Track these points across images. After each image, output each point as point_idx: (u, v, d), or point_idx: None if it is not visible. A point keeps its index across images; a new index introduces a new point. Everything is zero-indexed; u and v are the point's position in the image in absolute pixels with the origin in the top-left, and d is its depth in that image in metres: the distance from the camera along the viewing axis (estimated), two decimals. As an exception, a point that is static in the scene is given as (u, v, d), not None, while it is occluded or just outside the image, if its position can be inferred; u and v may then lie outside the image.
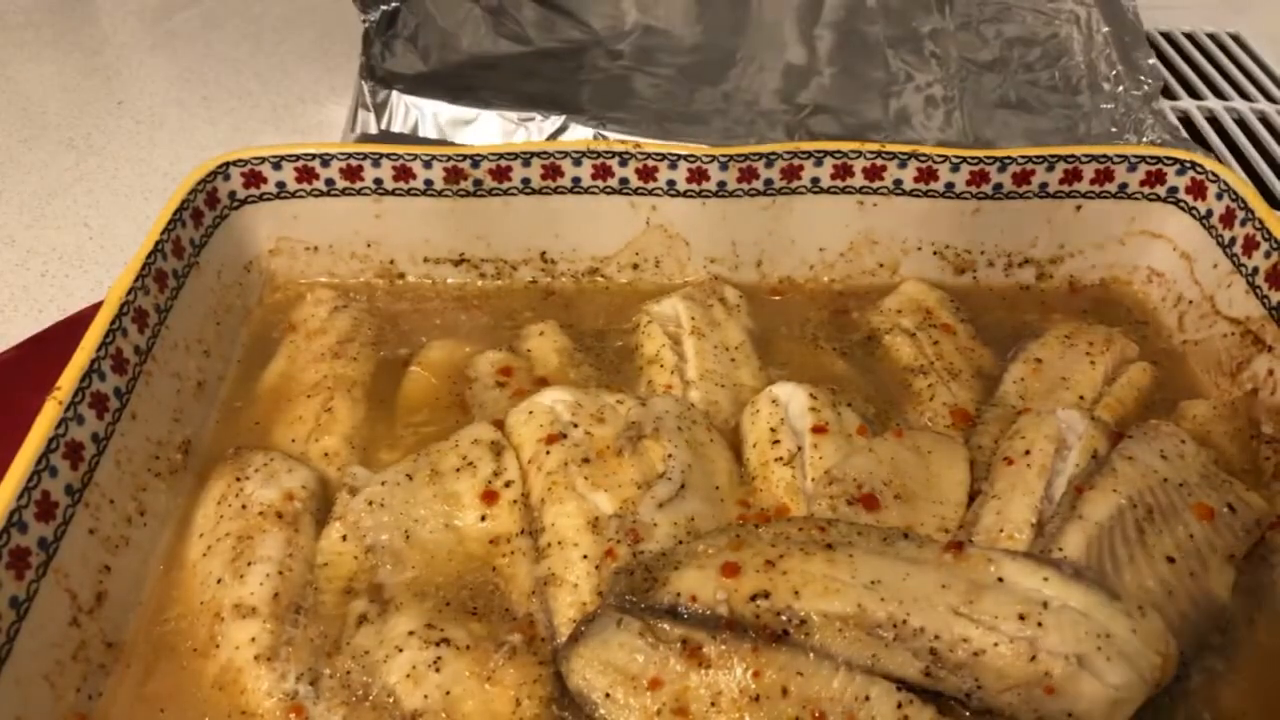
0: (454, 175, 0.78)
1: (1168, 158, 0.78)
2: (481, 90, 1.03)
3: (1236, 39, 1.32)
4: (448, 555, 0.61)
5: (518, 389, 0.71)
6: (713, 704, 0.52)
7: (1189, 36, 1.32)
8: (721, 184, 0.78)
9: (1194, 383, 0.76)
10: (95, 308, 0.64)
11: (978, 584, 0.54)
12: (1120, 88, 1.05)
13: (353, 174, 0.78)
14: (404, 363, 0.76)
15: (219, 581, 0.59)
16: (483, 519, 0.62)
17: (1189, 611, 0.56)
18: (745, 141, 0.99)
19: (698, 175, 0.78)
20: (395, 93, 1.01)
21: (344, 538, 0.61)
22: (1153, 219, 0.80)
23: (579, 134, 0.98)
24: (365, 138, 1.01)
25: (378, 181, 0.79)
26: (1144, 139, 0.99)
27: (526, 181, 0.79)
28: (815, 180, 0.79)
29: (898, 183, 0.79)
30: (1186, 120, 1.15)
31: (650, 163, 0.78)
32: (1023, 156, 0.78)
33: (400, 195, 0.79)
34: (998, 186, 0.79)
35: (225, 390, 0.74)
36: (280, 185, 0.78)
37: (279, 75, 1.30)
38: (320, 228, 0.81)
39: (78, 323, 0.79)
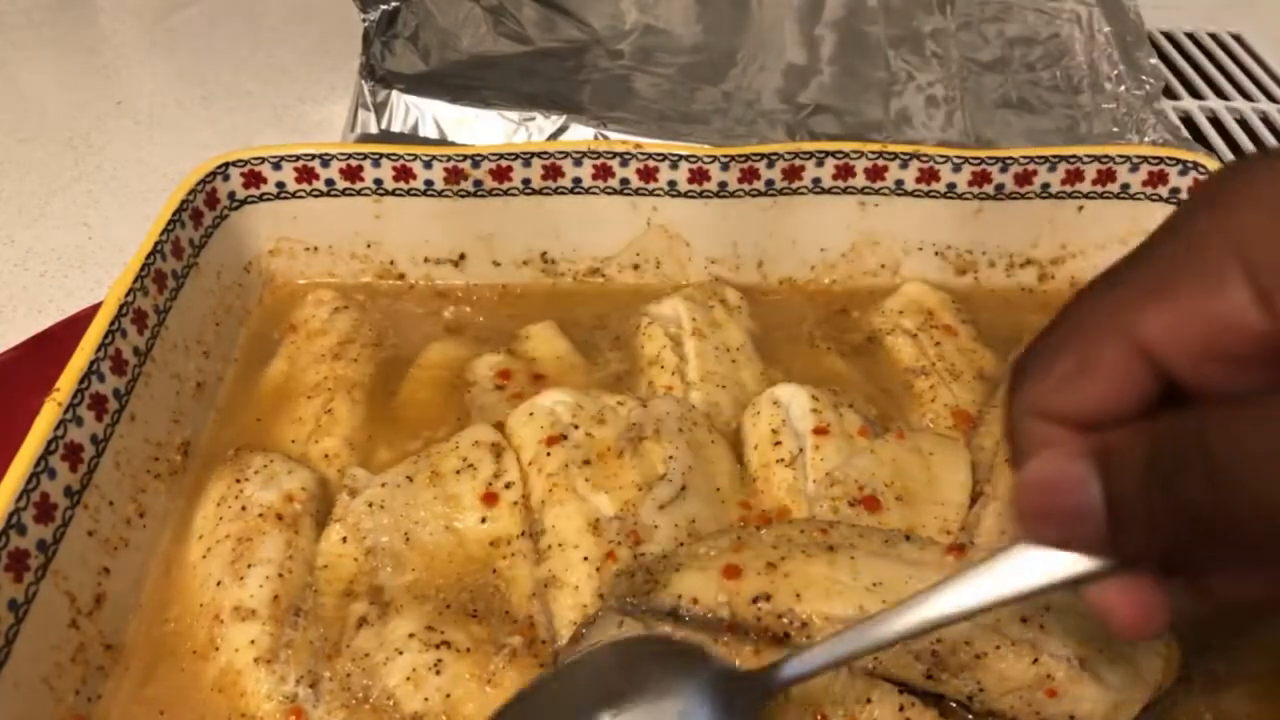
0: (454, 175, 0.78)
1: (1170, 158, 0.77)
2: (482, 90, 1.03)
3: (1238, 39, 1.32)
4: (448, 557, 0.61)
5: (517, 391, 0.71)
6: (714, 707, 0.52)
7: (1190, 36, 1.32)
8: (723, 184, 0.78)
9: (1196, 384, 0.75)
10: (94, 308, 0.63)
11: (980, 586, 0.53)
12: (1122, 87, 1.05)
13: (353, 174, 0.78)
14: (404, 364, 0.76)
15: (218, 584, 0.59)
16: (483, 521, 0.62)
17: (1191, 612, 0.56)
18: (746, 141, 0.98)
19: (699, 175, 0.78)
20: (395, 93, 1.01)
21: (344, 540, 0.61)
22: (1155, 219, 0.78)
23: (579, 134, 0.98)
24: (365, 138, 1.01)
25: (378, 182, 0.78)
26: (1146, 139, 0.99)
27: (527, 182, 0.78)
28: (817, 180, 0.78)
29: (899, 183, 0.79)
30: (1188, 120, 1.15)
31: (651, 163, 0.78)
32: (1024, 157, 0.78)
33: (400, 195, 0.79)
34: (999, 187, 0.79)
35: (225, 391, 0.74)
36: (280, 185, 0.78)
37: (279, 75, 1.30)
38: (320, 228, 0.81)
39: (77, 323, 0.78)
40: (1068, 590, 0.37)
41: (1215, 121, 1.15)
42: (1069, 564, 0.36)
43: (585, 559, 0.58)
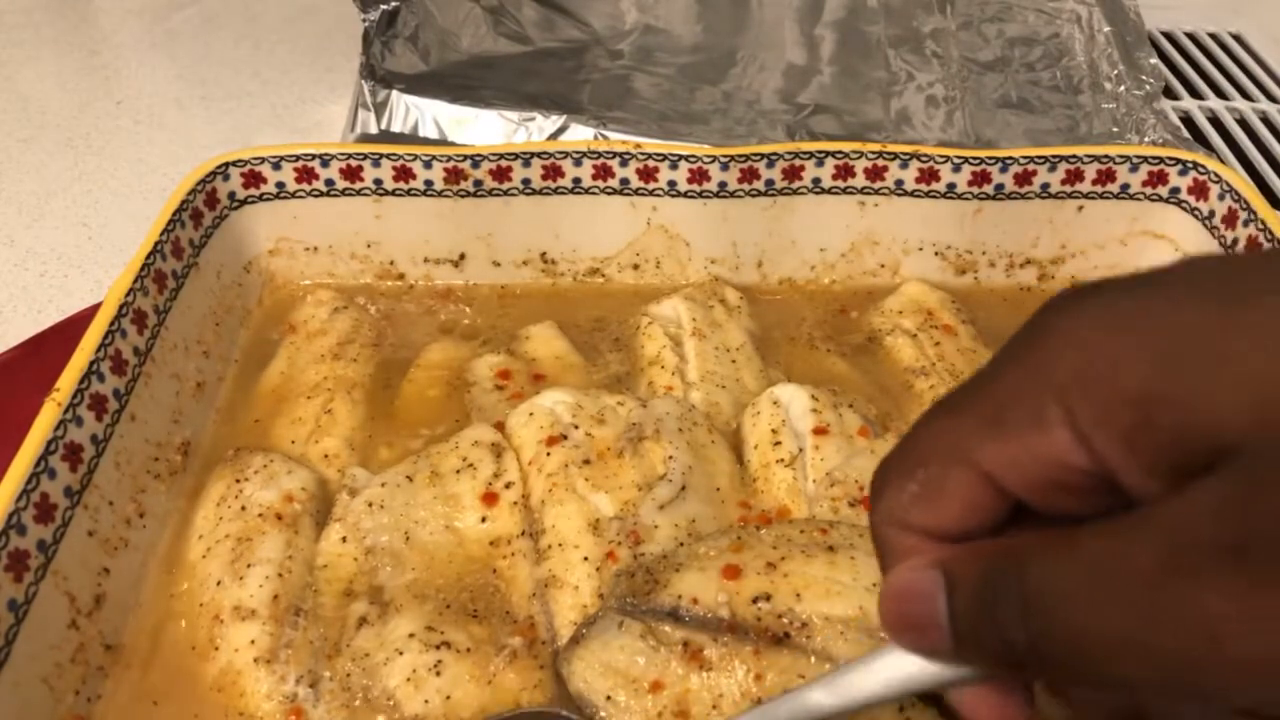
0: (454, 175, 0.78)
1: (1170, 158, 0.77)
2: (481, 90, 1.02)
3: (1238, 39, 1.32)
4: (448, 557, 0.61)
5: (517, 391, 0.71)
6: (714, 706, 0.52)
7: (1190, 36, 1.32)
8: (722, 184, 0.78)
9: (1196, 384, 0.75)
10: (94, 308, 0.63)
11: (980, 586, 0.53)
12: (1122, 87, 1.05)
13: (353, 174, 0.78)
14: (404, 364, 0.76)
15: (218, 583, 0.59)
16: (483, 521, 0.62)
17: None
18: (746, 141, 0.98)
19: (698, 175, 0.78)
20: (395, 93, 1.01)
21: (344, 539, 0.61)
22: (1155, 219, 0.80)
23: (579, 134, 0.98)
24: (365, 138, 1.01)
25: (378, 182, 0.78)
26: (1146, 139, 0.99)
27: (527, 182, 0.78)
28: (816, 181, 0.78)
29: (899, 183, 0.79)
30: (1188, 120, 1.15)
31: (651, 163, 0.78)
32: (1024, 157, 0.78)
33: (400, 195, 0.79)
34: (999, 187, 0.79)
35: (224, 391, 0.74)
36: (280, 185, 0.78)
37: (279, 75, 1.30)
38: (320, 228, 0.81)
39: (76, 323, 0.78)
40: (939, 690, 0.37)
41: (1215, 121, 1.15)
42: (933, 668, 0.36)
43: (585, 559, 0.58)
